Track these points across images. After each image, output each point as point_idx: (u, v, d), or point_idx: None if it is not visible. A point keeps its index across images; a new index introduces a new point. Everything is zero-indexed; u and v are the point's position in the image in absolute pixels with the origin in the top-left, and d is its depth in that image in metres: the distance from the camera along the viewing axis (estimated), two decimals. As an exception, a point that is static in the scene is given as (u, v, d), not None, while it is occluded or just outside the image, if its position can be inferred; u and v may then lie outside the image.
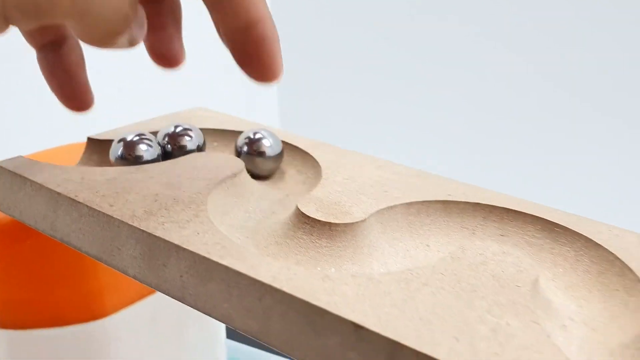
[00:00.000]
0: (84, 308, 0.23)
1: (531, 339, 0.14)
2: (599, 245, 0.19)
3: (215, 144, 0.26)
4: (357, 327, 0.14)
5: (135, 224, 0.18)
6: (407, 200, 0.21)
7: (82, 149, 0.25)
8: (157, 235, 0.17)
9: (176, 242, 0.17)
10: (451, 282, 0.16)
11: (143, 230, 0.18)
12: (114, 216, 0.18)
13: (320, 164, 0.23)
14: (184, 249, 0.17)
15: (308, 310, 0.15)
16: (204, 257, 0.16)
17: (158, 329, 0.26)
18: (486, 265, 0.17)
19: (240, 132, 0.26)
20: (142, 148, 0.23)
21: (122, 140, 0.23)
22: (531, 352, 0.14)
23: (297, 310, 0.15)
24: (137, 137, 0.23)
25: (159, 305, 0.25)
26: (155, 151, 0.23)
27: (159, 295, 0.26)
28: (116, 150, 0.23)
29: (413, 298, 0.15)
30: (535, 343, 0.14)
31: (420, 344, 0.14)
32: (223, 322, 0.17)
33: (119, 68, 0.62)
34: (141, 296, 0.25)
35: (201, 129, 0.26)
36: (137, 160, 0.23)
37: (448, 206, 0.21)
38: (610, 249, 0.19)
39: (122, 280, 0.24)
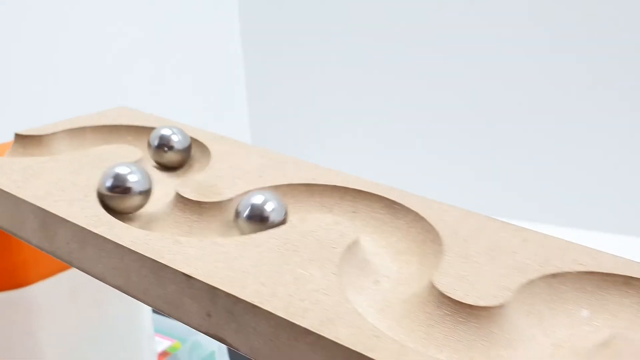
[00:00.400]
0: (8, 277, 0.27)
1: (324, 284, 0.18)
2: (424, 218, 0.23)
3: (129, 137, 0.30)
4: (188, 277, 0.18)
5: (34, 202, 0.22)
6: (276, 184, 0.25)
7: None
8: (49, 210, 0.21)
9: (63, 215, 0.21)
10: (279, 245, 0.20)
11: (39, 207, 0.22)
12: (19, 196, 0.22)
13: (212, 154, 0.27)
14: (68, 221, 0.21)
15: (155, 266, 0.19)
16: (82, 227, 0.20)
17: (81, 299, 0.30)
18: (315, 232, 0.21)
19: (153, 128, 0.30)
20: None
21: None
22: (319, 294, 0.18)
23: (147, 267, 0.19)
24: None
25: (82, 276, 0.29)
26: None
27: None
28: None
29: (242, 256, 0.19)
30: (326, 288, 0.18)
31: (231, 287, 0.18)
32: (100, 280, 0.21)
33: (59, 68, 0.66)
34: (65, 267, 0.29)
35: (117, 125, 0.30)
36: None
37: (311, 188, 0.25)
38: (431, 222, 0.22)
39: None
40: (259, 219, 0.21)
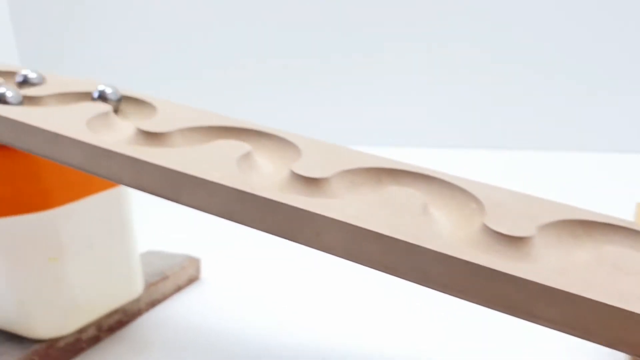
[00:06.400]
0: (35, 200, 0.30)
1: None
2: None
3: None
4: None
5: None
6: None
7: None
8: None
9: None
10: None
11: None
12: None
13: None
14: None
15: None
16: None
17: (101, 223, 0.33)
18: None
19: None
20: None
21: None
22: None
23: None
24: None
25: (104, 204, 0.32)
26: None
27: (101, 195, 0.33)
28: None
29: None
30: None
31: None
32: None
33: None
34: (88, 192, 0.32)
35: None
36: None
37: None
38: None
39: (70, 180, 0.31)
40: None
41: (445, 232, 0.22)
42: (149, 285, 0.39)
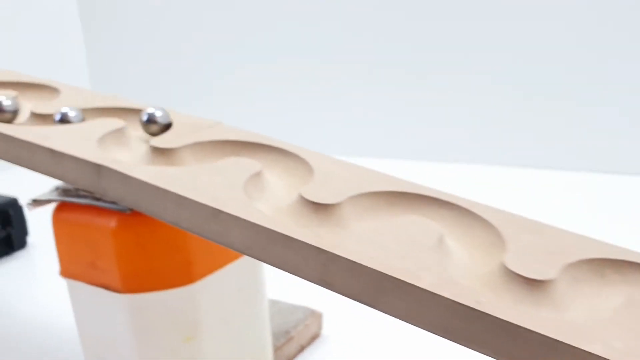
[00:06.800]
0: (177, 274, 0.26)
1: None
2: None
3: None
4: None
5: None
6: None
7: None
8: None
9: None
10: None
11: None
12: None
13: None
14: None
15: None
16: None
17: (237, 294, 0.28)
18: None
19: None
20: None
21: None
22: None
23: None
24: None
25: (240, 272, 0.28)
26: None
27: (237, 263, 0.28)
28: None
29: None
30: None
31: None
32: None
33: None
34: (224, 263, 0.27)
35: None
36: None
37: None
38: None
39: (209, 250, 0.27)
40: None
41: None
42: (275, 350, 0.34)
